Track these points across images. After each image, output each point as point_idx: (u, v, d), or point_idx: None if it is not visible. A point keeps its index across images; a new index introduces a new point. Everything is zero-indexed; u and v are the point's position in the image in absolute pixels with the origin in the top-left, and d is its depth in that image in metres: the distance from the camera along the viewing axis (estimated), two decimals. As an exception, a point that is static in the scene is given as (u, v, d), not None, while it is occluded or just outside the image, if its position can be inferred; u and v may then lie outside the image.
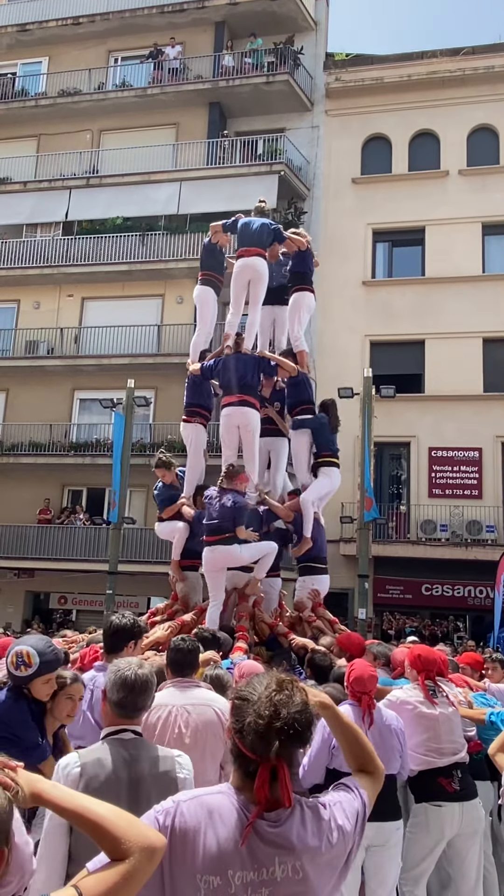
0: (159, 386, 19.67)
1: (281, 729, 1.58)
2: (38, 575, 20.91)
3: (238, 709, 1.66)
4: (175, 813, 1.61)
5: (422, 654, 4.24)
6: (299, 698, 1.64)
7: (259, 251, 7.07)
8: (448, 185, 21.04)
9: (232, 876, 1.54)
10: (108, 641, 3.77)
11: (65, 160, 23.12)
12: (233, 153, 21.71)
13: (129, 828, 1.50)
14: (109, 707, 2.50)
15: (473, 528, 18.73)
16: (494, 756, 2.77)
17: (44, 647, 3.10)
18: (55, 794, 1.55)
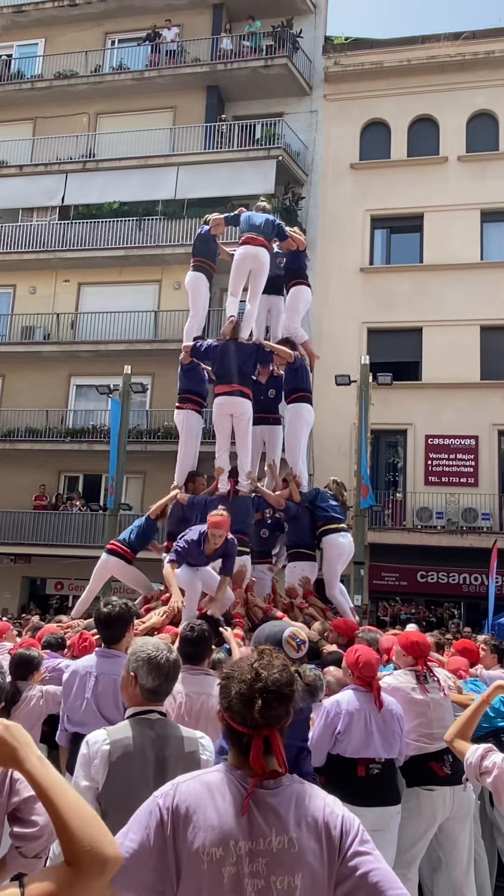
0: (156, 372, 19.62)
1: (263, 689, 1.66)
2: (34, 561, 20.95)
3: (224, 687, 1.73)
4: (175, 794, 1.67)
5: (417, 640, 4.26)
6: (279, 662, 1.74)
7: (264, 242, 7.03)
8: (447, 171, 20.92)
9: (233, 846, 1.59)
10: (107, 633, 3.70)
11: (61, 144, 22.93)
12: (231, 138, 21.55)
13: (90, 834, 1.37)
14: (140, 691, 2.51)
15: (469, 515, 18.78)
16: (452, 742, 2.79)
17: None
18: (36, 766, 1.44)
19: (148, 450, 19.25)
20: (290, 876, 1.60)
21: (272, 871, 1.60)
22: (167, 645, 2.65)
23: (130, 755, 2.39)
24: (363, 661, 3.86)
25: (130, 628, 3.72)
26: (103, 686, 3.58)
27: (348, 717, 3.77)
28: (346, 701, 3.80)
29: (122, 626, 3.64)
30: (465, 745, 2.74)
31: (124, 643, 3.67)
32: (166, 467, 8.01)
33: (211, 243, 7.61)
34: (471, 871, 4.33)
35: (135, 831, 1.67)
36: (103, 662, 3.67)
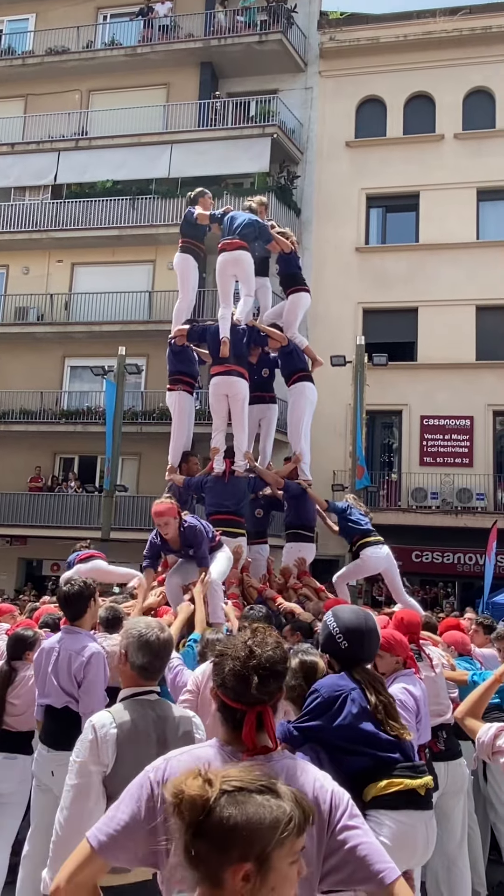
0: (151, 353, 19.53)
1: (257, 666, 1.69)
2: (30, 542, 20.98)
3: (218, 665, 1.75)
4: (165, 768, 1.69)
5: (405, 617, 4.28)
6: (272, 639, 1.76)
7: (239, 243, 6.86)
8: (443, 149, 20.74)
9: None
10: (69, 610, 3.93)
11: (53, 121, 22.63)
12: (225, 115, 21.30)
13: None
14: (132, 670, 2.53)
15: (464, 495, 18.85)
16: (463, 720, 2.81)
17: None
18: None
19: (143, 431, 19.23)
20: None
21: None
22: (160, 623, 2.67)
23: (136, 737, 2.40)
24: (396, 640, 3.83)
25: (91, 605, 3.90)
26: (62, 660, 3.79)
27: (419, 705, 3.69)
28: (413, 687, 3.70)
29: (82, 604, 3.87)
30: (476, 724, 2.77)
31: (87, 619, 3.92)
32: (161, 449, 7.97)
33: (198, 227, 7.51)
34: (464, 844, 4.41)
35: (126, 804, 1.70)
36: (66, 639, 3.89)
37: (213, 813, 1.23)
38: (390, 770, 2.61)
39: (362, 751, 2.57)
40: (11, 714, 4.43)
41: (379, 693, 2.71)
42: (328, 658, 2.81)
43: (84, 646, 3.78)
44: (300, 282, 7.51)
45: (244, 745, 1.69)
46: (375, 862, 1.64)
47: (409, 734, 2.70)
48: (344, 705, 2.58)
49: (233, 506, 6.52)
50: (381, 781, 2.57)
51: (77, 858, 1.67)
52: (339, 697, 2.59)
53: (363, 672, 2.73)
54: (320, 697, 2.61)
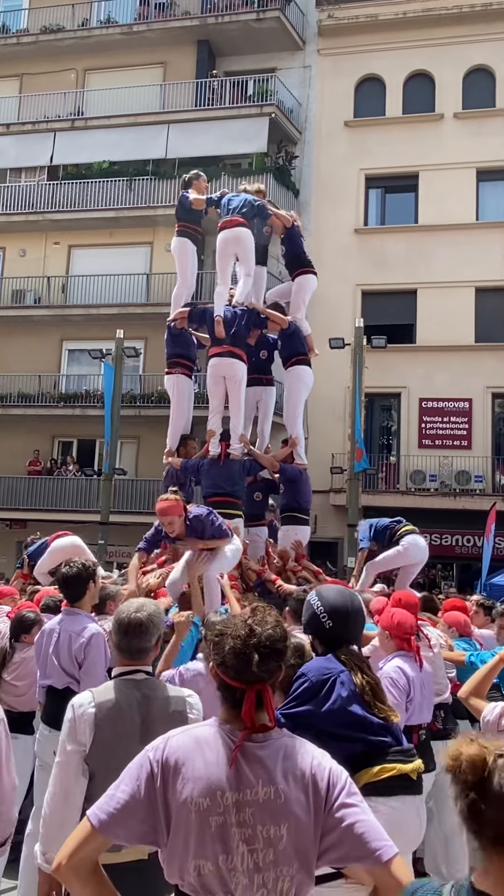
0: (149, 336, 19.46)
1: (258, 644, 1.70)
2: (29, 526, 21.00)
3: (217, 644, 1.75)
4: (165, 747, 1.71)
5: (402, 598, 4.30)
6: (272, 618, 1.77)
7: (240, 220, 6.80)
8: (443, 128, 20.55)
9: (220, 797, 1.63)
10: (69, 592, 3.98)
11: (49, 101, 22.38)
12: (222, 94, 21.08)
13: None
14: (115, 648, 2.57)
15: (462, 478, 18.88)
16: (467, 699, 2.82)
17: None
18: None
19: (142, 415, 19.20)
20: (276, 826, 1.63)
21: (259, 820, 1.64)
22: (140, 605, 2.64)
23: (116, 716, 2.40)
24: (397, 621, 3.84)
25: (90, 586, 3.94)
26: (62, 641, 3.84)
27: (412, 684, 3.68)
28: (408, 667, 3.72)
29: (81, 585, 3.90)
30: (481, 703, 2.78)
31: (86, 601, 3.96)
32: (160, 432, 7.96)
33: (194, 210, 7.43)
34: (461, 821, 4.46)
35: (126, 783, 1.72)
36: (67, 620, 3.93)
37: (493, 775, 1.29)
38: (383, 755, 2.56)
39: (354, 736, 2.53)
40: (13, 695, 4.47)
41: (365, 673, 2.67)
42: (311, 639, 2.76)
43: (84, 627, 3.82)
44: (306, 263, 7.42)
45: (243, 723, 1.70)
46: (373, 839, 1.66)
47: (396, 716, 2.66)
48: (333, 689, 2.53)
49: (229, 488, 6.52)
50: (373, 767, 2.53)
51: (78, 837, 1.70)
52: (328, 681, 2.54)
53: (349, 653, 2.69)
54: (308, 682, 2.55)
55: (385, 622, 3.88)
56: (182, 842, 1.64)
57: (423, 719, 3.89)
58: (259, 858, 1.63)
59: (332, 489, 18.54)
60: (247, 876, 1.62)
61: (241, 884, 1.62)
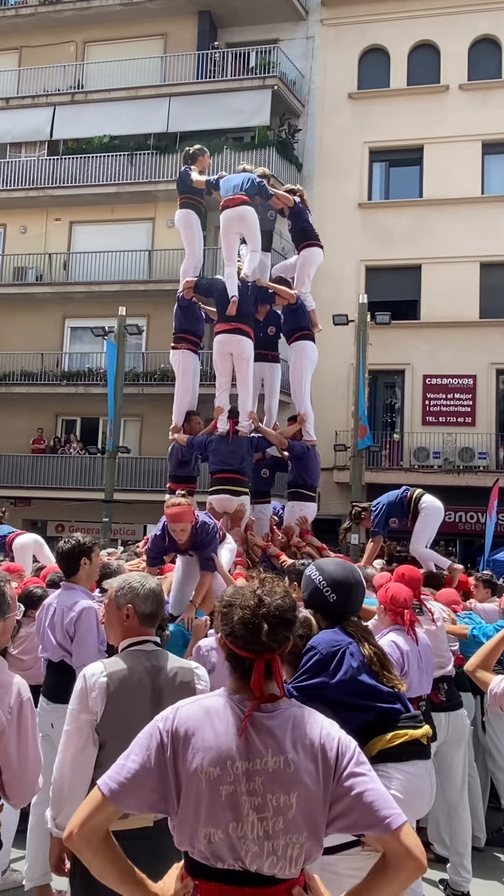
0: (151, 313, 19.38)
1: (267, 614, 1.71)
2: (34, 504, 21.10)
3: (225, 615, 1.76)
4: (174, 717, 1.73)
5: (406, 573, 4.32)
6: (281, 588, 1.78)
7: (243, 198, 6.68)
8: (448, 100, 20.24)
9: (230, 766, 1.65)
10: (64, 567, 4.04)
11: (48, 74, 22.09)
12: (224, 66, 20.76)
13: None
14: (136, 618, 2.55)
15: (466, 455, 18.86)
16: (474, 672, 2.84)
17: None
18: None
19: (145, 392, 19.17)
20: (285, 794, 1.65)
21: (268, 789, 1.65)
22: (144, 575, 2.72)
23: (127, 686, 2.42)
24: (390, 595, 3.87)
25: (84, 562, 3.96)
26: (57, 615, 3.90)
27: (406, 658, 3.75)
28: (401, 641, 3.77)
29: (74, 560, 3.94)
30: (488, 676, 2.80)
31: (81, 576, 3.99)
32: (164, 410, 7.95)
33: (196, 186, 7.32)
34: (465, 792, 4.52)
35: (136, 753, 1.73)
36: (62, 595, 4.00)
37: None
38: (394, 722, 2.61)
39: (366, 705, 2.57)
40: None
41: (371, 644, 2.70)
42: (313, 613, 2.77)
43: (76, 601, 3.86)
44: (312, 237, 7.33)
45: (252, 693, 1.71)
46: (382, 808, 1.67)
47: (402, 684, 2.70)
48: (343, 660, 2.56)
49: (236, 465, 6.51)
50: (386, 734, 2.57)
51: (89, 805, 1.72)
52: (338, 652, 2.57)
53: (354, 625, 2.72)
54: (318, 654, 2.58)
55: (380, 597, 3.93)
56: (192, 810, 1.66)
57: (423, 691, 3.93)
58: (269, 826, 1.64)
59: (336, 467, 18.54)
60: (256, 843, 1.64)
61: (251, 851, 1.64)
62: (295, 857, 1.66)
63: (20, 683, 2.40)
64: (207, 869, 1.67)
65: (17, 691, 2.36)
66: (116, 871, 1.73)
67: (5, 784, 2.37)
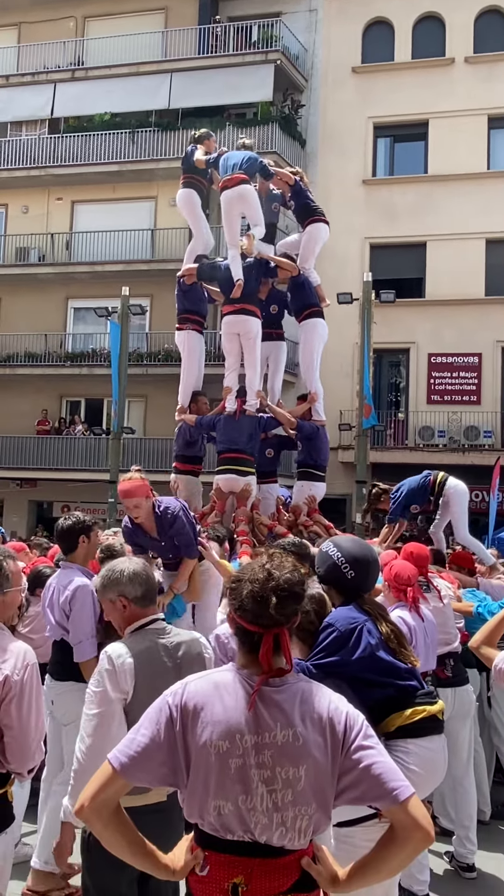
0: (154, 293, 19.27)
1: (276, 587, 1.72)
2: (40, 485, 21.17)
3: (234, 590, 1.77)
4: (183, 692, 1.75)
5: (414, 551, 4.33)
6: (290, 563, 1.79)
7: (241, 177, 6.56)
8: (453, 73, 19.94)
9: (239, 739, 1.68)
10: (63, 543, 4.05)
11: (48, 51, 21.82)
12: (226, 41, 20.46)
13: None
14: (132, 603, 2.56)
15: (471, 433, 18.82)
16: (479, 649, 2.86)
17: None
18: None
19: (149, 373, 19.13)
20: (294, 767, 1.67)
21: (277, 762, 1.68)
22: (131, 558, 2.73)
23: (153, 664, 2.45)
24: (395, 573, 3.88)
25: (82, 541, 3.97)
26: (55, 594, 3.92)
27: (413, 634, 3.75)
28: (408, 616, 3.79)
29: (72, 538, 3.95)
30: (492, 652, 2.82)
31: (79, 554, 4.00)
32: (168, 391, 7.93)
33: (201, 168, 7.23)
34: (470, 766, 4.56)
35: (146, 727, 1.76)
36: (60, 574, 4.03)
37: None
38: (412, 698, 2.63)
39: (385, 681, 2.59)
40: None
41: (387, 621, 2.72)
42: (328, 589, 2.77)
43: (71, 580, 3.88)
44: (315, 212, 7.24)
45: (261, 666, 1.73)
46: (390, 780, 1.69)
47: (416, 661, 2.73)
48: (361, 637, 2.57)
49: (243, 444, 6.49)
50: (405, 710, 2.60)
51: (99, 779, 1.74)
52: (356, 629, 2.58)
53: (370, 602, 2.73)
54: (336, 632, 2.58)
55: (385, 575, 3.95)
56: (202, 783, 1.68)
57: (428, 667, 3.97)
58: (278, 798, 1.67)
59: (341, 446, 18.52)
60: (266, 815, 1.66)
61: (260, 823, 1.67)
62: (304, 829, 1.68)
63: (26, 649, 2.42)
64: (217, 840, 1.70)
65: (22, 656, 2.39)
66: (126, 842, 1.75)
67: (6, 747, 2.38)
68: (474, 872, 4.37)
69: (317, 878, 1.73)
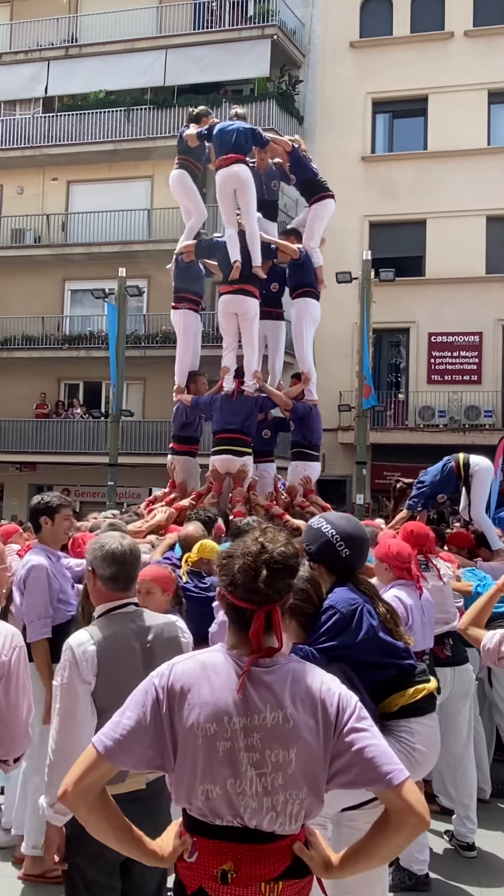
0: (152, 275, 19.11)
1: (269, 560, 1.67)
2: (39, 468, 21.13)
3: (225, 566, 1.72)
4: (170, 674, 1.70)
5: (414, 529, 4.28)
6: (283, 537, 1.74)
7: (238, 157, 6.48)
8: (452, 47, 19.62)
9: (227, 722, 1.63)
10: (31, 524, 4.08)
11: (41, 28, 21.49)
12: (221, 16, 20.13)
13: None
14: (101, 584, 2.47)
15: (472, 413, 18.74)
16: (466, 630, 2.81)
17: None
18: None
19: (147, 355, 19.02)
20: (284, 750, 1.63)
21: (267, 745, 1.63)
22: (122, 535, 2.60)
23: (117, 651, 2.37)
24: (395, 552, 3.84)
25: (45, 521, 3.92)
26: (27, 578, 3.88)
27: (409, 613, 3.70)
28: (405, 595, 3.74)
29: (36, 518, 3.95)
30: (480, 632, 2.77)
31: (45, 535, 3.96)
32: (167, 372, 7.84)
33: (194, 148, 7.08)
34: (470, 745, 4.55)
35: (132, 710, 1.70)
36: (27, 554, 4.02)
37: None
38: (412, 677, 2.61)
39: (386, 662, 2.56)
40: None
41: (383, 602, 2.68)
42: (318, 566, 2.70)
43: (28, 560, 3.90)
44: (321, 188, 7.07)
45: (251, 644, 1.68)
46: (384, 763, 1.64)
47: (410, 640, 2.70)
48: (362, 619, 2.52)
49: (239, 425, 6.46)
50: (407, 689, 2.58)
51: (83, 763, 1.69)
52: (356, 611, 2.53)
53: (364, 583, 2.67)
54: (339, 614, 2.51)
55: (382, 553, 3.88)
56: (189, 767, 1.64)
57: (426, 646, 3.94)
58: (268, 782, 1.62)
59: (340, 427, 18.46)
60: (255, 799, 1.62)
61: (249, 807, 1.62)
62: (295, 814, 1.64)
63: (14, 631, 2.35)
64: (206, 826, 1.66)
65: (10, 637, 2.31)
66: (112, 828, 1.71)
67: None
68: (474, 851, 4.36)
69: (309, 863, 1.68)
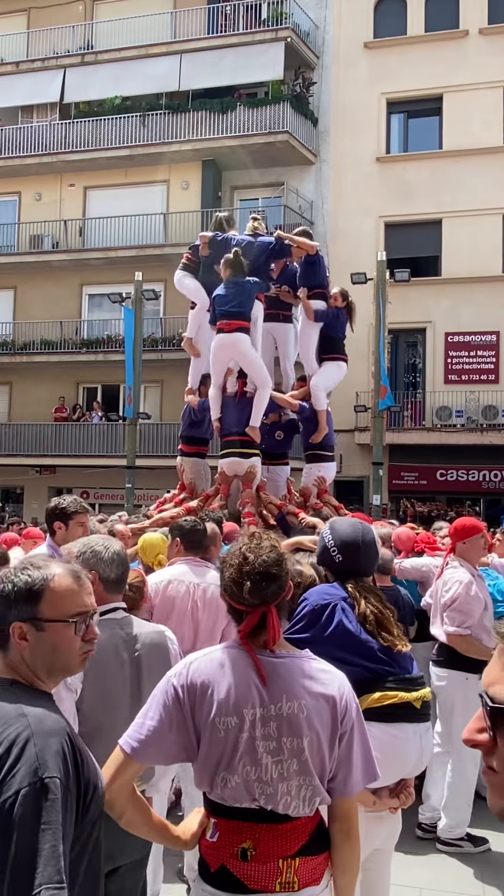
0: (168, 278, 19.06)
1: (250, 571, 1.77)
2: (59, 472, 21.33)
3: (221, 572, 1.86)
4: (188, 672, 1.81)
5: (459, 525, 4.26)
6: (267, 543, 1.84)
7: (240, 324, 6.18)
8: (468, 46, 19.53)
9: (246, 714, 1.74)
10: (47, 526, 4.04)
11: (57, 36, 21.71)
12: (236, 20, 20.20)
13: None
14: (100, 586, 2.42)
15: (489, 412, 18.64)
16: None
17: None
18: None
19: (164, 358, 19.13)
20: (298, 738, 1.75)
21: (283, 733, 1.75)
22: (106, 538, 2.62)
23: (105, 659, 2.31)
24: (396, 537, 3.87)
25: (58, 526, 3.83)
26: None
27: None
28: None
29: (50, 522, 3.89)
30: None
31: (57, 538, 3.89)
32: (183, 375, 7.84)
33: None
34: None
35: (154, 710, 1.81)
36: (36, 550, 4.02)
37: None
38: (382, 682, 2.52)
39: (353, 661, 2.49)
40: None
41: (371, 603, 2.61)
42: (325, 571, 2.75)
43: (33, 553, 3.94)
44: (335, 348, 6.97)
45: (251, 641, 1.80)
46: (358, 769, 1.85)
47: (405, 645, 2.61)
48: (333, 614, 2.51)
49: (244, 428, 6.44)
50: (374, 693, 2.50)
51: (113, 765, 1.80)
52: (328, 605, 2.52)
53: (356, 583, 2.65)
54: (309, 606, 2.53)
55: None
56: (210, 757, 1.76)
57: None
58: (283, 769, 1.74)
59: (357, 428, 18.44)
60: (271, 785, 1.73)
61: (265, 793, 1.74)
62: (308, 798, 1.76)
63: None
64: (225, 808, 1.78)
65: None
66: (143, 821, 1.84)
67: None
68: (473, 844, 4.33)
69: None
